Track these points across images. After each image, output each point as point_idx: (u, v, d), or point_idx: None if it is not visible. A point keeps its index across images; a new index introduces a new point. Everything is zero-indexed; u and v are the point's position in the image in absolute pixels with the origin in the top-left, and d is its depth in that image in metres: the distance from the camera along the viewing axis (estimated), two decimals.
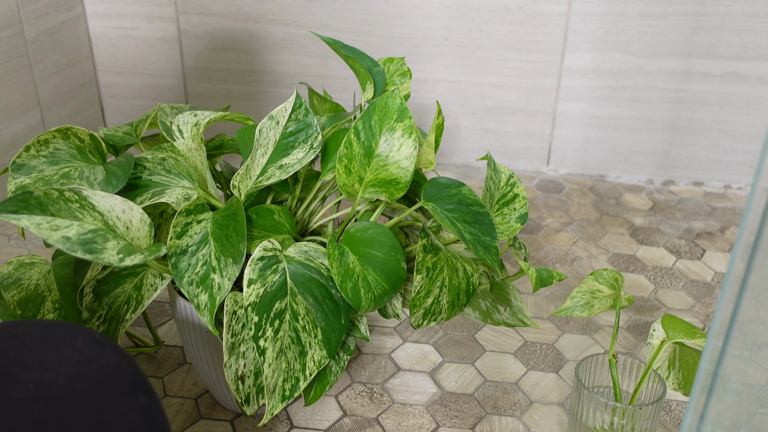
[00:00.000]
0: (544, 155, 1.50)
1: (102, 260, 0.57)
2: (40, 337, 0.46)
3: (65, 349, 0.46)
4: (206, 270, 0.70)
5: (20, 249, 1.22)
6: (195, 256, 0.70)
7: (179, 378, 0.94)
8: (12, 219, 0.55)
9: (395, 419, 0.89)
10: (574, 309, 0.82)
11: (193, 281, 0.69)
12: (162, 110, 0.90)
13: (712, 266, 1.21)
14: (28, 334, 0.46)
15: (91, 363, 0.45)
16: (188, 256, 0.70)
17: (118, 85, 1.55)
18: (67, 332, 0.47)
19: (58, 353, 0.45)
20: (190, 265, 0.70)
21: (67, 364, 0.45)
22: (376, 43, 1.43)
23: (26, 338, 0.46)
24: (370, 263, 0.73)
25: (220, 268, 0.70)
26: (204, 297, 0.69)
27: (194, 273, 0.70)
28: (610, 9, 1.36)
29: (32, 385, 0.43)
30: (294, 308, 0.70)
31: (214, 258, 0.70)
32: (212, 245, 0.71)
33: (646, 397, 0.81)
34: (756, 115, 1.41)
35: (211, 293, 0.69)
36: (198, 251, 0.71)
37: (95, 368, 0.45)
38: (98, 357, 0.46)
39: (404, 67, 0.93)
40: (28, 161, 0.75)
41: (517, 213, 0.86)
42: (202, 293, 0.69)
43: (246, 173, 0.77)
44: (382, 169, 0.77)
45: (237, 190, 0.78)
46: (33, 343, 0.46)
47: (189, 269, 0.70)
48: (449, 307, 0.78)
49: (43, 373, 0.44)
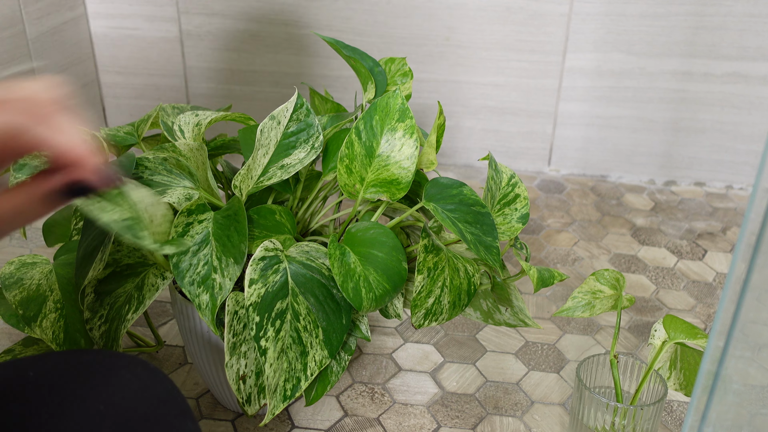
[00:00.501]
0: (545, 155, 1.50)
1: (144, 245, 0.58)
2: (105, 364, 0.53)
3: (127, 376, 0.52)
4: (207, 270, 0.70)
5: (22, 249, 1.22)
6: (196, 256, 0.70)
7: (180, 378, 0.94)
8: None
9: (396, 419, 0.89)
10: (576, 309, 0.82)
11: (194, 281, 0.69)
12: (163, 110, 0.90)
13: (713, 267, 1.20)
14: (94, 361, 0.53)
15: (149, 389, 0.52)
16: (189, 256, 0.70)
17: (119, 85, 1.55)
18: (128, 361, 0.54)
19: (122, 379, 0.52)
20: (192, 265, 0.70)
21: (130, 389, 0.51)
22: (377, 43, 1.43)
23: (93, 365, 0.53)
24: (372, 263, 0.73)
25: (221, 268, 0.70)
26: (205, 297, 0.69)
27: (195, 273, 0.70)
28: (611, 9, 1.36)
29: (102, 405, 0.49)
30: (295, 308, 0.70)
31: (216, 258, 0.70)
32: (213, 245, 0.71)
33: (647, 397, 0.81)
34: (757, 115, 1.40)
35: (212, 293, 0.69)
36: (199, 251, 0.71)
37: (152, 394, 0.52)
38: (154, 384, 0.52)
39: (406, 68, 0.93)
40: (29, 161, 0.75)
41: (519, 213, 0.86)
42: (203, 293, 0.69)
43: (247, 173, 0.77)
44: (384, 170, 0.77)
45: (238, 190, 0.78)
46: (99, 369, 0.52)
47: (190, 269, 0.70)
48: (450, 308, 0.78)
49: (111, 396, 0.50)
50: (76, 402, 0.50)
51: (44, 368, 0.53)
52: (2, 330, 1.02)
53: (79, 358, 0.54)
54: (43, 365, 0.53)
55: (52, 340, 0.77)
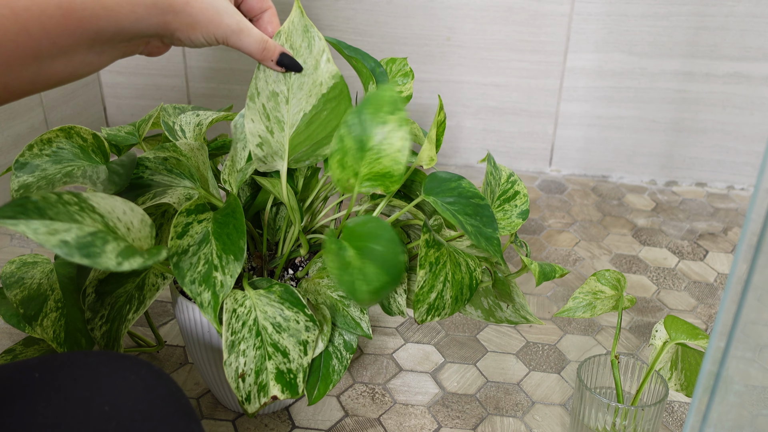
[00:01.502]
0: (546, 156, 1.50)
1: (100, 265, 0.57)
2: (110, 366, 0.54)
3: (132, 378, 0.52)
4: (208, 268, 0.70)
5: (23, 248, 1.22)
6: (197, 255, 0.70)
7: (181, 378, 0.94)
8: (9, 225, 0.54)
9: (397, 419, 0.89)
10: (577, 310, 0.81)
11: (195, 280, 0.69)
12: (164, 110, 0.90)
13: (714, 267, 1.20)
14: (99, 363, 0.54)
15: (154, 391, 0.52)
16: (190, 255, 0.70)
17: (120, 84, 1.55)
18: (132, 363, 0.54)
19: (127, 381, 0.52)
20: (192, 264, 0.70)
21: (135, 391, 0.52)
22: (378, 43, 1.43)
23: (98, 367, 0.53)
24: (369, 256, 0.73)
25: (222, 266, 0.70)
26: (207, 295, 0.69)
27: (196, 272, 0.70)
28: (612, 9, 1.35)
29: (107, 406, 0.50)
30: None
31: (216, 256, 0.70)
32: (213, 244, 0.71)
33: (648, 398, 0.81)
34: (759, 115, 1.40)
35: (214, 291, 0.69)
36: (200, 250, 0.71)
37: (157, 395, 0.52)
38: (159, 386, 0.53)
39: (407, 68, 0.93)
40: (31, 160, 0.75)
41: (518, 209, 0.86)
42: (205, 291, 0.69)
43: (232, 165, 0.78)
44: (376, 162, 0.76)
45: (228, 185, 0.78)
46: (104, 371, 0.53)
47: (191, 268, 0.70)
48: (453, 302, 0.78)
49: (116, 397, 0.51)
50: (81, 403, 0.51)
51: (50, 369, 0.53)
52: (3, 330, 1.03)
53: (84, 360, 0.55)
54: (48, 366, 0.54)
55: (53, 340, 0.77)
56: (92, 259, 0.56)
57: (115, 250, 0.59)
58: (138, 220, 0.66)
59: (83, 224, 0.59)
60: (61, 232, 0.56)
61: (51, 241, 0.54)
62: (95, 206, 0.63)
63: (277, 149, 0.76)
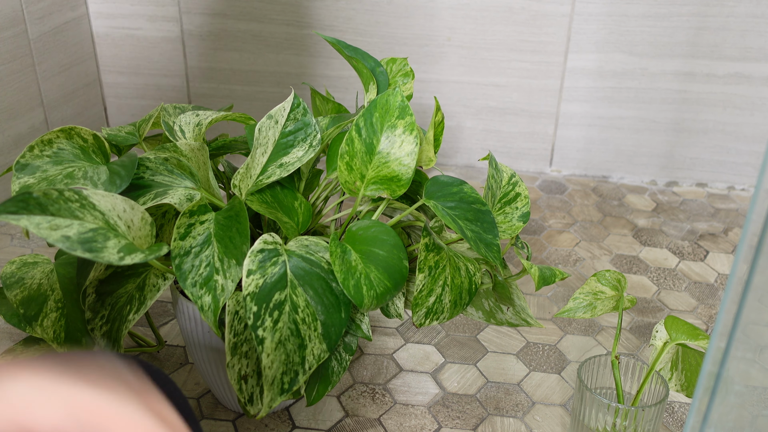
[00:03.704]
0: (546, 156, 1.50)
1: (102, 259, 0.57)
2: None
3: None
4: (209, 271, 0.70)
5: (23, 248, 1.22)
6: (198, 258, 0.70)
7: (181, 378, 0.94)
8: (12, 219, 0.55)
9: (397, 420, 0.89)
10: (577, 310, 0.81)
11: (196, 282, 0.69)
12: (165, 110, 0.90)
13: (715, 268, 1.20)
14: None
15: None
16: (192, 257, 0.70)
17: (121, 85, 1.55)
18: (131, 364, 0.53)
19: None
20: (194, 266, 0.70)
21: None
22: (378, 43, 1.43)
23: None
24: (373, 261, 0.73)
25: (224, 270, 0.70)
26: (207, 299, 0.69)
27: (198, 274, 0.70)
28: (613, 10, 1.35)
29: None
30: (294, 300, 0.70)
31: (218, 259, 0.70)
32: (215, 246, 0.71)
33: (648, 398, 0.81)
34: (760, 116, 1.40)
35: (214, 295, 0.69)
36: (201, 252, 0.71)
37: None
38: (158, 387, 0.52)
39: (407, 68, 0.93)
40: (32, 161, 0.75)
41: (519, 212, 0.86)
42: (205, 295, 0.69)
43: (246, 172, 0.77)
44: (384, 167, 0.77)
45: (238, 190, 0.78)
46: None
47: (192, 270, 0.70)
48: (451, 306, 0.78)
49: None
50: None
51: None
52: (3, 330, 1.03)
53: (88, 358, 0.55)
54: None
55: (53, 340, 0.77)
56: (94, 253, 0.57)
57: (116, 246, 0.59)
58: (138, 218, 0.66)
59: (84, 221, 0.59)
60: (62, 228, 0.56)
61: (53, 236, 0.55)
62: (96, 204, 0.63)
63: None
